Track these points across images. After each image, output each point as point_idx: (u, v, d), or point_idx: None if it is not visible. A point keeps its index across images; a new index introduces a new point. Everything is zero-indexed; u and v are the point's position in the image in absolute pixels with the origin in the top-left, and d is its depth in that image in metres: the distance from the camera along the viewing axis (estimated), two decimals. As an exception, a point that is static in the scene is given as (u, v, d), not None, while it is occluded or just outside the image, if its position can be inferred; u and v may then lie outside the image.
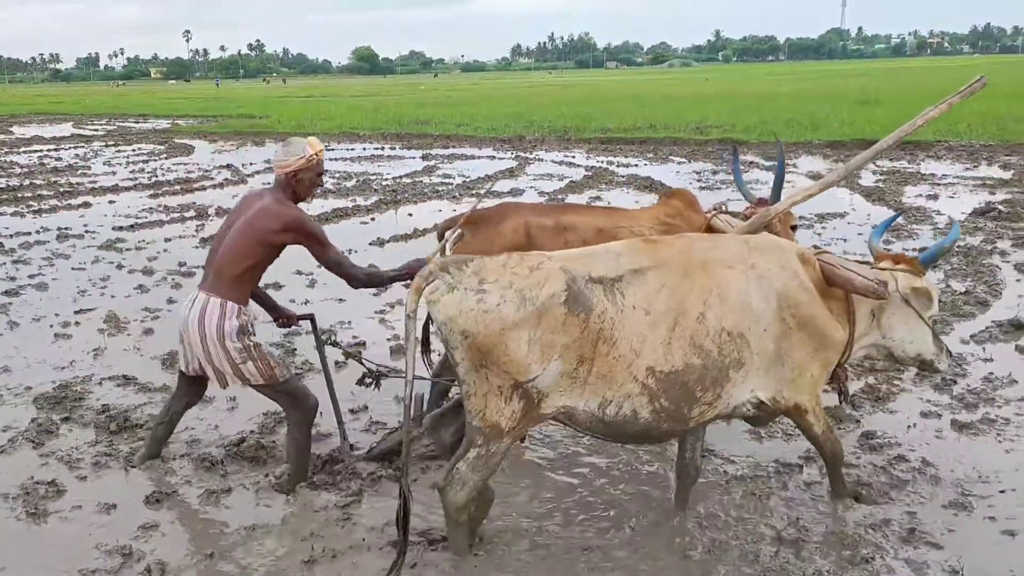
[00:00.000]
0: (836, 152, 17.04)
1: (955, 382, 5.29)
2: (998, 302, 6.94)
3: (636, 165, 16.55)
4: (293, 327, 5.01)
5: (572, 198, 12.82)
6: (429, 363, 4.29)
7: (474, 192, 13.55)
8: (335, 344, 4.68)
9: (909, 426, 4.77)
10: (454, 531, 3.53)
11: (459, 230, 4.52)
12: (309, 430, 4.26)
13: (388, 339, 6.48)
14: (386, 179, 15.42)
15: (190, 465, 4.51)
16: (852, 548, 3.57)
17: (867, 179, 13.59)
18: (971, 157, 15.65)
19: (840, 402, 4.29)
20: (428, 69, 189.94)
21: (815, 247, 4.42)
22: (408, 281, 3.82)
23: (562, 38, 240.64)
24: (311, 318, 4.69)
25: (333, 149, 21.58)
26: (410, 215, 11.79)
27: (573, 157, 18.33)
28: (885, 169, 14.57)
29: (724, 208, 4.84)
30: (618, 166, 16.43)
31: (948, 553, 3.55)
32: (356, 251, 9.42)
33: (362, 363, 4.51)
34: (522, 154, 19.14)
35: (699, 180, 14.23)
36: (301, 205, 4.15)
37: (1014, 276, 7.67)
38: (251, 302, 4.21)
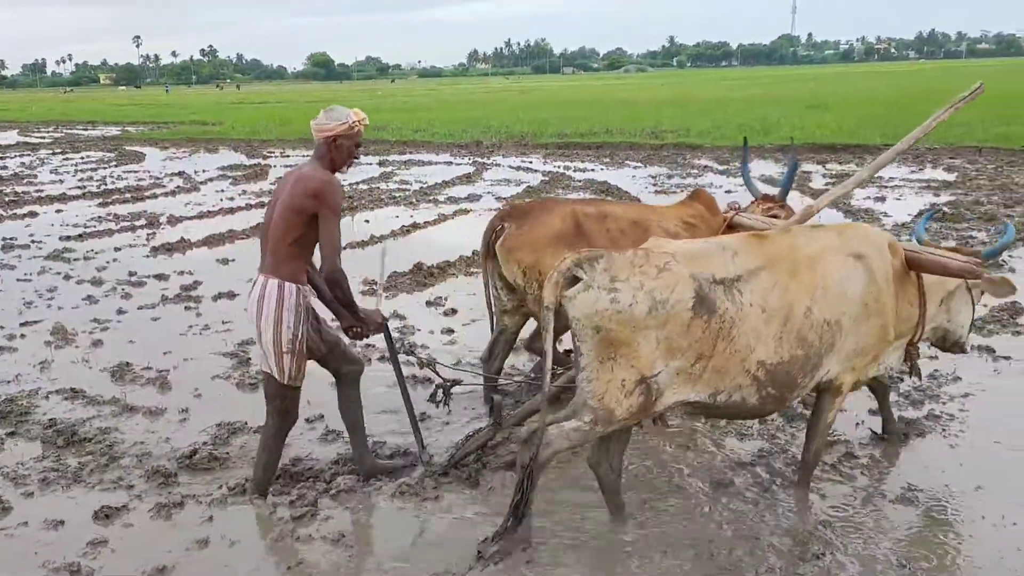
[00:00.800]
0: (785, 156, 17.33)
1: (901, 380, 5.42)
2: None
3: (593, 170, 16.66)
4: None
5: (529, 203, 12.86)
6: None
7: (431, 198, 13.53)
8: (410, 352, 4.50)
9: (857, 423, 4.87)
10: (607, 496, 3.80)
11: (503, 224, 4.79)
12: (283, 443, 4.18)
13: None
14: (342, 185, 15.29)
15: (141, 478, 4.43)
16: (803, 545, 3.64)
17: (817, 182, 13.86)
18: (916, 160, 16.05)
19: (911, 376, 4.40)
20: (385, 75, 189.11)
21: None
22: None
23: (519, 44, 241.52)
24: (384, 326, 4.41)
25: (289, 156, 21.39)
26: (367, 221, 11.73)
27: (530, 162, 18.40)
28: (835, 172, 14.87)
29: (738, 208, 4.99)
30: (575, 171, 16.53)
31: (896, 547, 3.63)
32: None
33: (436, 373, 4.52)
34: (479, 159, 19.16)
35: (655, 184, 14.37)
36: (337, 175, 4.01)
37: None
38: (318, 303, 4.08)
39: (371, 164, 18.86)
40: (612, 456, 3.76)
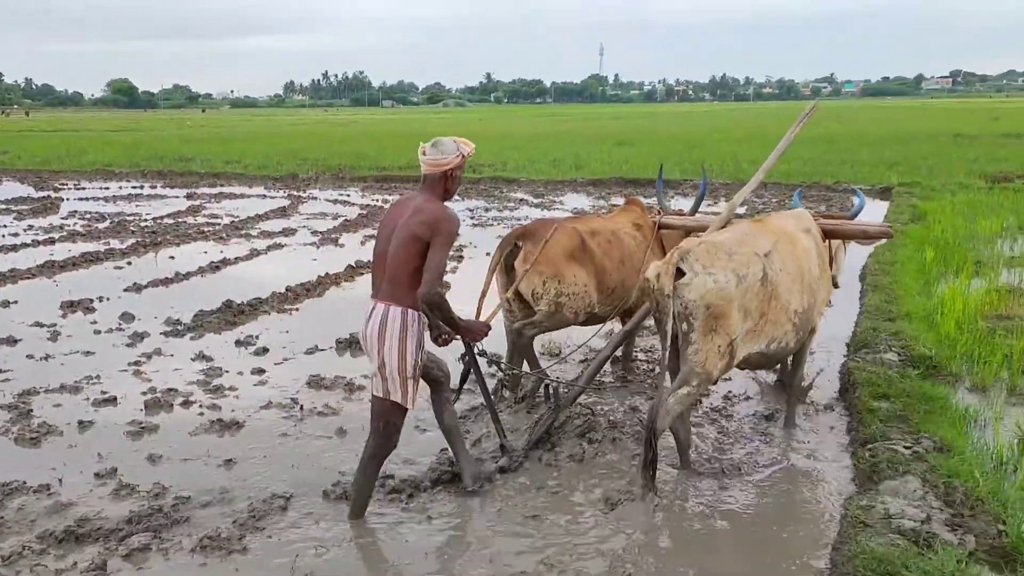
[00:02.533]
0: (598, 189, 18.17)
1: (701, 401, 5.75)
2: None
3: (411, 203, 16.64)
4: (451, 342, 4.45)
5: (347, 236, 12.66)
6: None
7: (243, 233, 13.00)
8: (482, 353, 4.54)
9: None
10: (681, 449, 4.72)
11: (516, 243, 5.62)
12: (380, 467, 4.25)
13: (143, 392, 5.98)
14: (145, 220, 14.40)
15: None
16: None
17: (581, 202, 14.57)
18: (711, 195, 17.27)
19: None
20: (195, 104, 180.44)
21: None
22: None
23: (336, 76, 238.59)
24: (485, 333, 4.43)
25: (84, 188, 19.90)
26: (172, 258, 11.07)
27: (348, 195, 18.15)
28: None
29: (661, 213, 6.19)
30: (393, 204, 16.44)
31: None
32: (108, 298, 8.68)
33: (500, 368, 5.46)
34: (295, 192, 18.68)
35: (472, 217, 14.57)
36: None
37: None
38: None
39: (177, 197, 17.90)
40: (685, 420, 4.61)
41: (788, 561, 3.80)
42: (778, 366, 5.80)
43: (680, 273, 4.25)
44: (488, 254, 11.08)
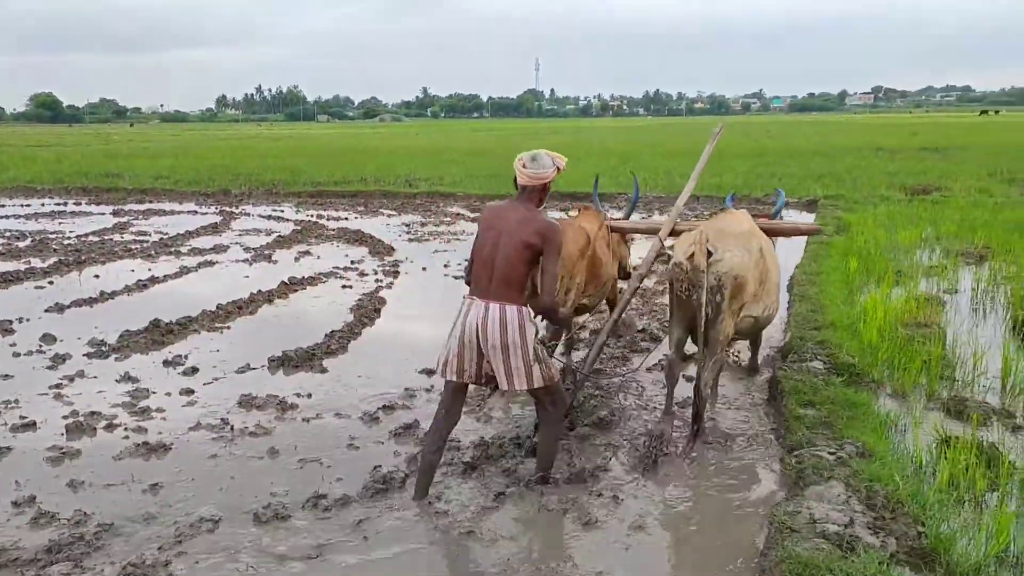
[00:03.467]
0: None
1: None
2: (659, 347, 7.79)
3: (346, 218, 16.52)
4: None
5: (280, 253, 12.48)
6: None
7: (172, 250, 12.70)
8: (541, 342, 4.58)
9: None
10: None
11: None
12: (562, 426, 4.76)
13: (64, 416, 5.77)
14: (69, 238, 13.94)
15: None
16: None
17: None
18: (645, 207, 17.55)
19: None
20: (122, 118, 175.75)
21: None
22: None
23: (270, 90, 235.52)
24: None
25: (4, 206, 19.18)
26: (96, 277, 10.74)
27: (282, 211, 17.89)
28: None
29: (611, 219, 6.87)
30: (328, 219, 16.30)
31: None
32: (27, 319, 8.38)
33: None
34: (227, 208, 18.32)
35: (408, 232, 14.51)
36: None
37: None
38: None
39: (103, 214, 17.39)
40: (715, 387, 5.81)
41: (717, 568, 3.87)
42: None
43: (708, 254, 5.06)
44: (425, 269, 11.14)
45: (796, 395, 5.54)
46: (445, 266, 11.37)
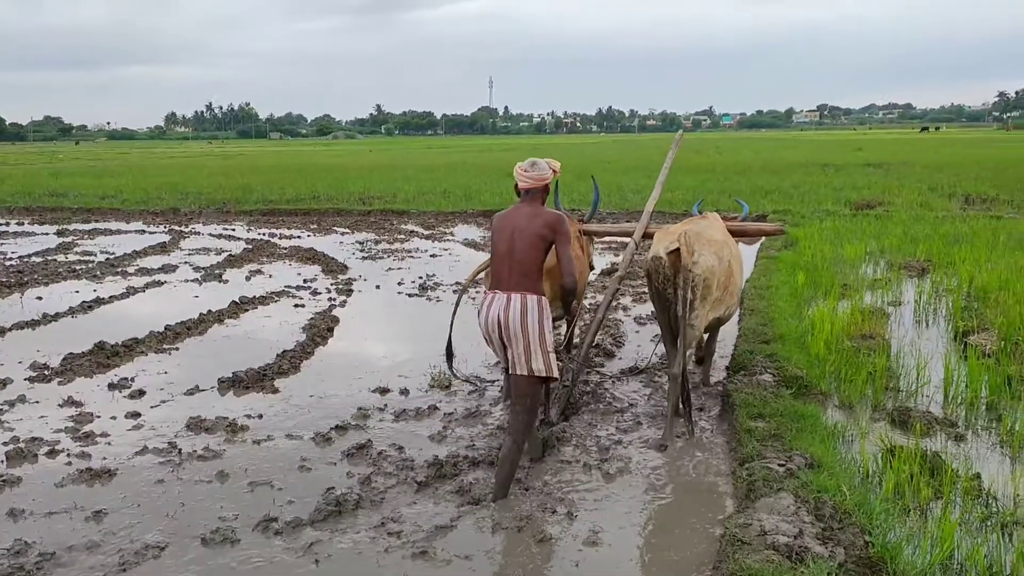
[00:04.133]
0: (488, 220, 18.29)
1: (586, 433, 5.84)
2: (621, 350, 7.86)
3: (299, 237, 16.36)
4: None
5: (231, 272, 12.30)
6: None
7: (119, 270, 12.43)
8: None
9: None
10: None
11: None
12: (524, 439, 4.87)
13: (4, 443, 5.59)
14: (10, 259, 13.57)
15: None
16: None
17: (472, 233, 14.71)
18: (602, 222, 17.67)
19: None
20: (68, 136, 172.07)
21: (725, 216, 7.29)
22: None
23: (221, 108, 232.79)
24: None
25: (-59, 226, 18.59)
26: (39, 298, 10.46)
27: (233, 230, 17.65)
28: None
29: (582, 222, 7.25)
30: (280, 238, 16.13)
31: None
32: (-34, 344, 8.12)
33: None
34: (176, 227, 18.02)
35: (362, 250, 14.42)
36: None
37: (634, 328, 8.74)
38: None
39: (47, 234, 16.98)
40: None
41: (672, 582, 3.89)
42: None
43: (675, 255, 5.54)
44: (378, 287, 11.06)
45: (746, 408, 5.62)
46: (399, 284, 11.32)
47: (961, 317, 8.04)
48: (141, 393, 6.68)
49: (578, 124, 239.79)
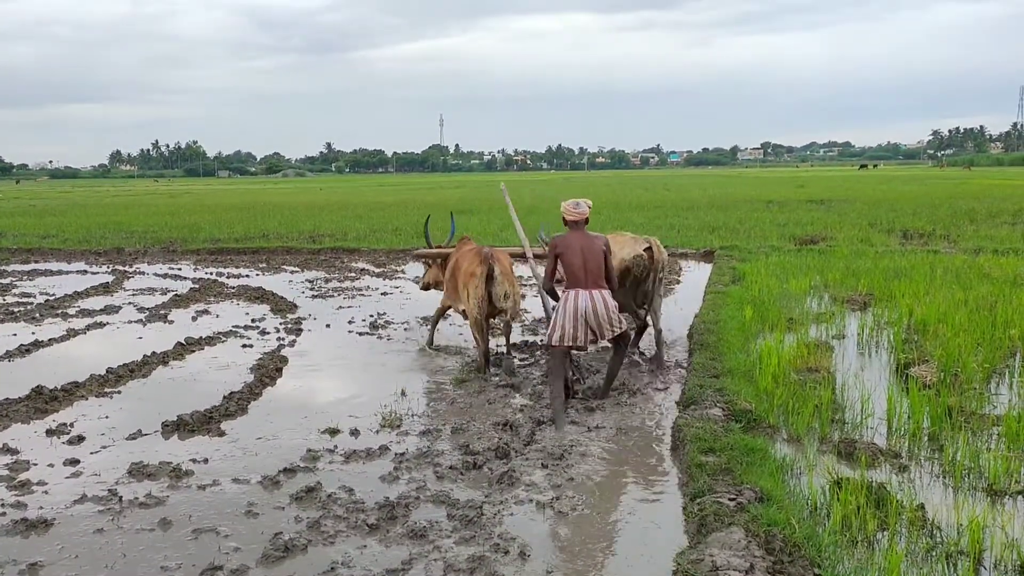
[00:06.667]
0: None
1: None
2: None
3: (247, 276, 16.14)
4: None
5: (177, 312, 12.05)
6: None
7: (59, 312, 12.09)
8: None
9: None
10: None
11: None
12: (625, 353, 7.71)
13: (-67, 495, 5.36)
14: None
15: None
16: None
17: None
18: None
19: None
20: (7, 175, 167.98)
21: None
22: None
23: (168, 146, 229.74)
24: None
25: None
26: (-21, 341, 10.11)
27: (179, 269, 17.35)
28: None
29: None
30: (228, 277, 15.89)
31: None
32: None
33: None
34: (120, 267, 17.65)
35: (312, 289, 14.27)
36: None
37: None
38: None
39: (-16, 275, 16.45)
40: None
41: (626, 621, 3.86)
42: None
43: (649, 251, 8.32)
44: (328, 326, 10.95)
45: (697, 442, 5.66)
46: (350, 322, 11.21)
47: (902, 350, 8.25)
48: (80, 439, 6.47)
49: (528, 162, 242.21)
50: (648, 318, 8.83)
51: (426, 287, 10.72)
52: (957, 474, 5.38)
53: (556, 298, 7.44)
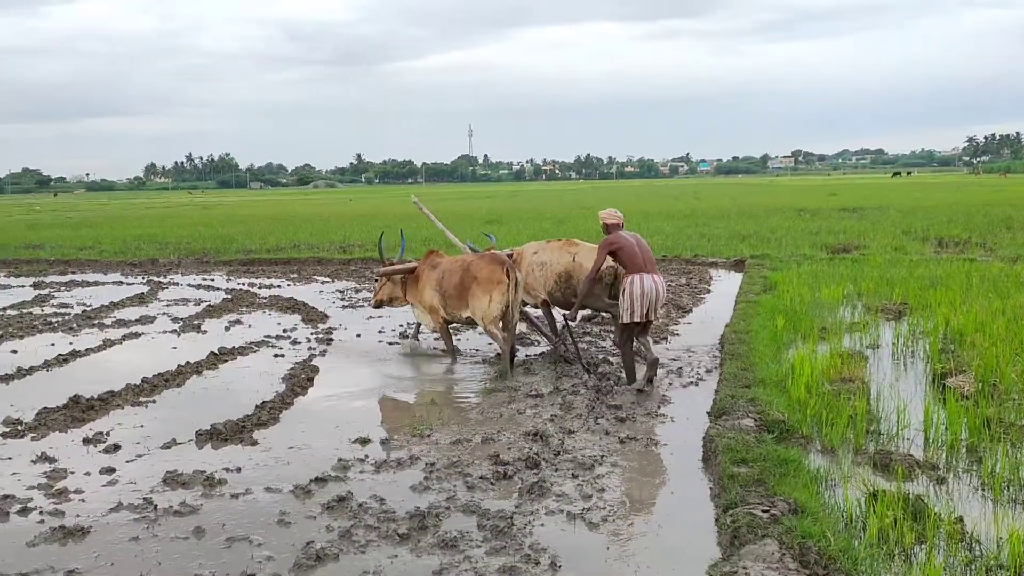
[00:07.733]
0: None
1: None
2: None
3: (279, 286, 16.31)
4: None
5: (210, 323, 12.20)
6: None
7: (96, 322, 12.30)
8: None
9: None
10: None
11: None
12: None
13: (-26, 502, 5.47)
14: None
15: None
16: None
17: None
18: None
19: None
20: (46, 188, 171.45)
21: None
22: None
23: (201, 158, 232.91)
24: None
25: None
26: (14, 352, 10.31)
27: (212, 280, 17.57)
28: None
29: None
30: (260, 287, 16.06)
31: None
32: (-63, 399, 7.96)
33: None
34: (155, 278, 17.91)
35: (342, 299, 14.39)
36: None
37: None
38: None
39: (23, 287, 16.81)
40: None
41: (658, 634, 3.83)
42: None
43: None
44: (359, 335, 11.02)
45: (729, 453, 5.60)
46: (380, 332, 11.28)
47: (939, 359, 8.11)
48: (116, 447, 6.57)
49: (557, 171, 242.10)
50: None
51: (379, 304, 10.59)
52: (996, 486, 5.27)
53: (560, 307, 9.35)
